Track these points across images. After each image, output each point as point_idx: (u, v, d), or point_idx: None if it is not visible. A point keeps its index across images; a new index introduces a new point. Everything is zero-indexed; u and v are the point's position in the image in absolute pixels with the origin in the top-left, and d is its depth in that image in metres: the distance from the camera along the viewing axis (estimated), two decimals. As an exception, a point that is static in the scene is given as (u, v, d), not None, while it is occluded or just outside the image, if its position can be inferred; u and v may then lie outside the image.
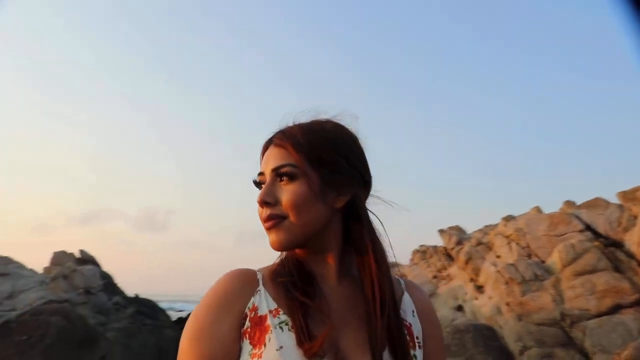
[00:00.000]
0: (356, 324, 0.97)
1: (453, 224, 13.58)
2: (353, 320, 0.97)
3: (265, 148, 1.02)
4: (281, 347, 0.90)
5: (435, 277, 12.74)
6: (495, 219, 12.01)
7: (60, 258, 22.82)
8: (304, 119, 1.03)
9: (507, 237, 10.20)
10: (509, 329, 8.41)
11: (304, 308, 0.93)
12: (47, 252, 23.23)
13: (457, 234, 12.96)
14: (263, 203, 0.98)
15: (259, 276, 0.99)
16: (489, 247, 10.70)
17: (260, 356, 0.90)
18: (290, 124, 1.03)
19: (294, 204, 0.95)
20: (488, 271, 9.65)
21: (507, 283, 8.83)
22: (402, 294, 1.06)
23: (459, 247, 12.04)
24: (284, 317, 0.93)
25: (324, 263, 1.00)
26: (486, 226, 12.55)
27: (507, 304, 8.61)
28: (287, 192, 0.96)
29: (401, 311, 1.02)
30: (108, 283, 22.07)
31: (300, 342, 0.90)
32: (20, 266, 21.26)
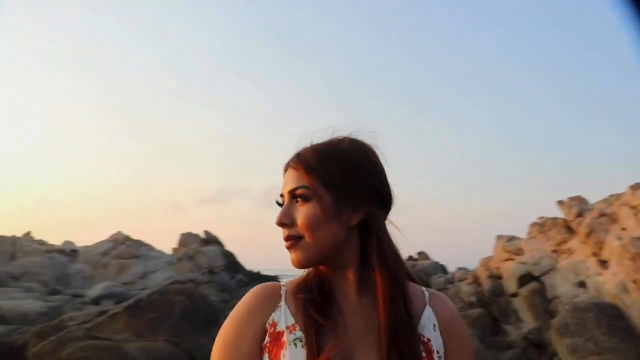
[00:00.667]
0: (373, 340, 0.99)
1: (573, 194, 12.71)
2: (370, 337, 0.99)
3: (285, 170, 1.06)
4: None
5: (554, 251, 12.03)
6: (621, 187, 11.00)
7: (186, 239, 24.55)
8: (321, 138, 1.06)
9: (634, 207, 9.36)
10: (636, 309, 7.76)
11: (317, 326, 0.97)
12: (179, 232, 25.06)
13: (578, 205, 12.11)
14: (280, 224, 1.02)
15: (283, 291, 1.05)
16: (614, 219, 9.88)
17: None
18: (308, 144, 1.07)
19: (307, 225, 0.99)
20: (612, 245, 8.93)
21: (633, 258, 8.12)
22: (424, 307, 1.06)
23: (579, 219, 11.27)
24: (299, 334, 0.98)
25: (344, 279, 1.02)
26: (611, 196, 11.60)
27: (634, 282, 7.93)
28: (301, 214, 1.00)
29: (419, 326, 1.02)
30: (230, 262, 23.43)
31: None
32: (151, 248, 23.19)
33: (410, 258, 19.28)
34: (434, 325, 1.04)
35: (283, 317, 1.00)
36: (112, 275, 20.31)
